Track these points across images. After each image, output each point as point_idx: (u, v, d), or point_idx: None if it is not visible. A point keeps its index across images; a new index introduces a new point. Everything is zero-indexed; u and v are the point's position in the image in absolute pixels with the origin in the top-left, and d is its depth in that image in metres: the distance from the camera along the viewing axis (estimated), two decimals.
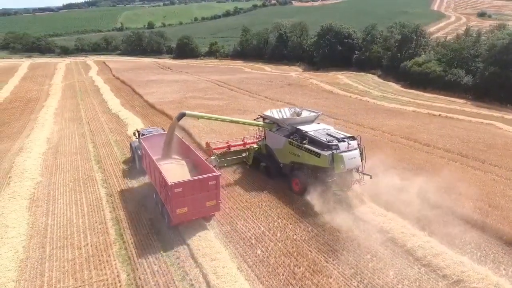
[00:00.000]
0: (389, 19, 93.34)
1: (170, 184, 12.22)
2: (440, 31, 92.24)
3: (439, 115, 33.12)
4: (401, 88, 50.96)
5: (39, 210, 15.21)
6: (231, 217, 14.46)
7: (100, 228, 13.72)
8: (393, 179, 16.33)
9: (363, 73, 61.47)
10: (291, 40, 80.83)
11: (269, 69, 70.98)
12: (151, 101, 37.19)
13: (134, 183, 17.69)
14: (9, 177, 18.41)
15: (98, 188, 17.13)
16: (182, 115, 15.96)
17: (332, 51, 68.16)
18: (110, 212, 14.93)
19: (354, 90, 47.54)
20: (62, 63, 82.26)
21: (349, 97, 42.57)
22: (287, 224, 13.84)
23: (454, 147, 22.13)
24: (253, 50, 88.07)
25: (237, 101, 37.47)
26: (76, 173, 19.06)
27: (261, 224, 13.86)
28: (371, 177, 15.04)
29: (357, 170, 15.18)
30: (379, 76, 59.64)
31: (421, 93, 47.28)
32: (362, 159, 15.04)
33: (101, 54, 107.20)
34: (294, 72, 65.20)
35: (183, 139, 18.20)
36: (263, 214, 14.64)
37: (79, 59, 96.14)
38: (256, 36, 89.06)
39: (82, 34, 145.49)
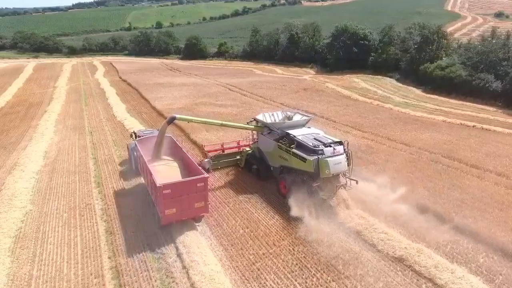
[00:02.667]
0: (402, 19, 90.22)
1: (158, 185, 12.51)
2: (457, 32, 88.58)
3: (474, 126, 29.99)
4: (423, 94, 47.66)
5: (24, 253, 12.54)
6: (258, 269, 11.60)
7: (96, 283, 11.01)
8: (449, 214, 13.56)
9: (379, 77, 58.20)
10: (303, 41, 77.74)
11: (280, 71, 68.04)
12: (159, 108, 34.65)
13: (140, 214, 14.99)
14: None
15: (96, 222, 14.41)
16: (173, 119, 16.38)
17: (347, 53, 65.06)
18: (109, 258, 12.19)
19: (373, 95, 44.51)
20: (68, 64, 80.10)
21: (370, 103, 39.50)
22: (330, 281, 10.95)
23: (507, 170, 19.00)
24: (263, 51, 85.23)
25: (251, 108, 34.67)
26: (73, 200, 16.42)
27: (296, 281, 10.99)
28: (357, 183, 15.02)
29: (344, 175, 15.18)
30: (397, 80, 56.39)
31: (446, 99, 43.95)
32: (348, 164, 15.06)
33: (109, 54, 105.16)
34: (307, 75, 62.06)
35: (177, 142, 17.94)
36: (297, 264, 11.76)
37: (86, 59, 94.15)
38: (267, 37, 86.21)
39: (90, 33, 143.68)
